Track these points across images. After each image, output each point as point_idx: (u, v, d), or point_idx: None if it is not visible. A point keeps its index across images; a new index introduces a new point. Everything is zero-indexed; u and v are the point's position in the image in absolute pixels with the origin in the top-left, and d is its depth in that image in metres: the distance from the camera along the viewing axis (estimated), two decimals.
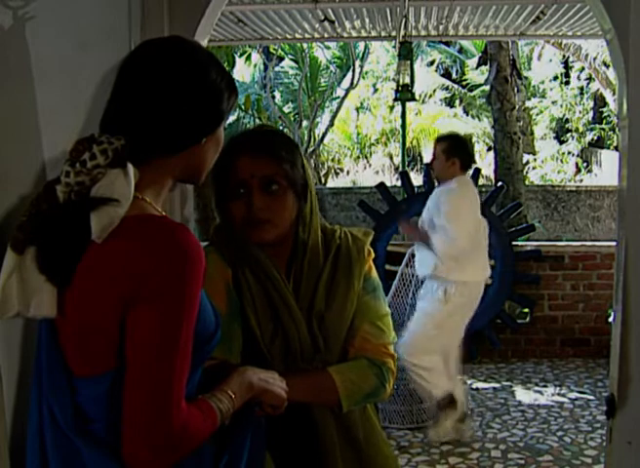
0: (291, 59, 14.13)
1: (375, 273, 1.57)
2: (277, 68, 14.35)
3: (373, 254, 1.59)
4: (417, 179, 8.01)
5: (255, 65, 15.11)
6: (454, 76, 16.63)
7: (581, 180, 14.34)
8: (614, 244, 2.23)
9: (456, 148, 3.75)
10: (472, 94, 16.00)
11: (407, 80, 5.49)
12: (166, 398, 1.03)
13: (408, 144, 13.07)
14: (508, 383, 4.99)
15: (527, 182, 11.79)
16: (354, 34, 5.61)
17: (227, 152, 1.37)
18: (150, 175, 1.14)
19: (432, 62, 16.90)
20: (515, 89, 7.75)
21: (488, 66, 7.74)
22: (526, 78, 14.45)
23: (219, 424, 1.14)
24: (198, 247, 1.07)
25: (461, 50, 16.21)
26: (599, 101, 14.83)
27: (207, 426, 1.11)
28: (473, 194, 3.80)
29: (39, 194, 1.12)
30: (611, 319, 2.90)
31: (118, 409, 1.04)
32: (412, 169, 15.73)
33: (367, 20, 5.12)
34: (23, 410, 1.19)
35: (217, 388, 1.18)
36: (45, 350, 1.12)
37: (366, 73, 14.80)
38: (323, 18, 4.92)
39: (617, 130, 9.86)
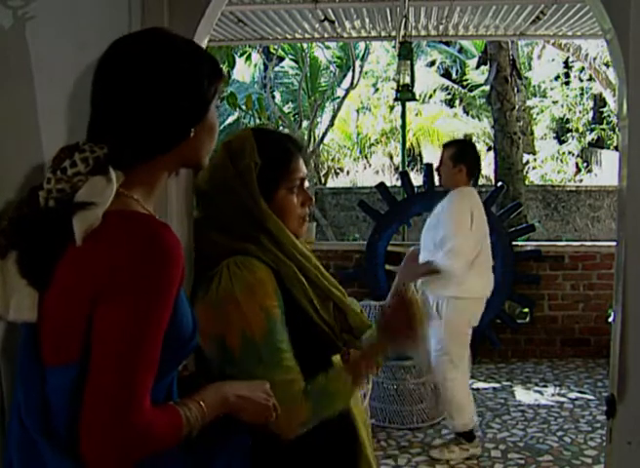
0: (291, 59, 14.11)
1: None
2: (277, 68, 14.33)
3: None
4: (417, 179, 8.02)
5: (255, 65, 15.10)
6: (454, 76, 16.62)
7: (581, 180, 14.34)
8: (614, 244, 2.23)
9: (463, 154, 3.71)
10: (472, 94, 16.00)
11: (407, 80, 5.48)
12: (127, 395, 1.02)
13: (408, 144, 13.06)
14: (508, 383, 4.99)
15: (527, 182, 11.78)
16: (354, 34, 5.60)
17: (287, 150, 1.50)
18: (141, 176, 1.14)
19: (432, 63, 16.90)
20: (515, 89, 7.74)
21: (488, 66, 7.73)
22: (526, 78, 14.44)
23: (184, 432, 1.11)
24: (178, 247, 1.06)
25: (462, 50, 16.20)
26: (599, 101, 14.83)
27: (170, 431, 1.08)
28: (474, 204, 3.69)
29: (22, 199, 1.13)
30: (611, 319, 2.90)
31: (79, 403, 1.03)
32: (412, 169, 15.72)
33: (367, 20, 5.12)
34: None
35: (188, 397, 1.16)
36: (22, 344, 1.12)
37: (366, 73, 14.78)
38: (323, 18, 4.92)
39: (617, 130, 9.86)
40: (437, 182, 4.36)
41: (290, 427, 1.35)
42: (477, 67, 11.23)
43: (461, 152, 3.73)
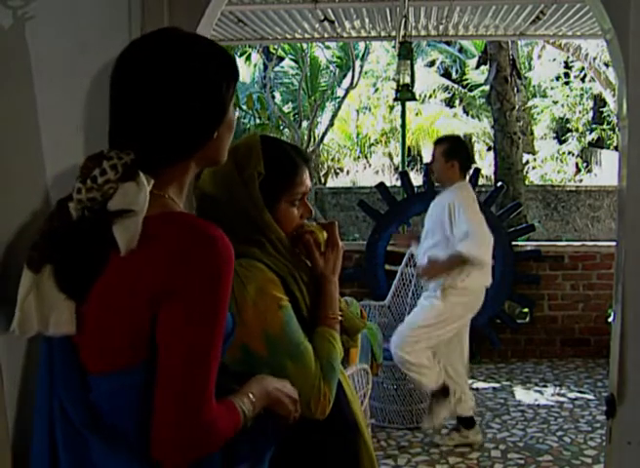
0: (291, 59, 14.12)
1: None
2: (277, 68, 14.34)
3: None
4: (416, 179, 8.02)
5: (255, 65, 15.10)
6: (454, 76, 16.62)
7: (581, 180, 14.34)
8: (613, 244, 2.24)
9: (455, 150, 3.73)
10: (472, 93, 16.00)
11: (407, 80, 5.48)
12: (201, 393, 1.05)
13: (408, 144, 13.05)
14: (508, 383, 4.99)
15: (527, 182, 11.79)
16: (354, 34, 5.61)
17: (293, 163, 1.50)
18: (170, 177, 1.15)
19: (432, 62, 16.90)
20: (515, 89, 7.74)
21: (488, 66, 7.73)
22: (526, 78, 14.44)
23: (241, 426, 1.14)
24: (229, 246, 1.08)
25: (461, 49, 16.21)
26: (599, 101, 14.83)
27: (231, 426, 1.12)
28: (475, 199, 3.76)
29: (52, 212, 1.13)
30: (610, 319, 2.91)
31: (142, 403, 1.05)
32: (412, 169, 15.73)
33: (367, 20, 5.12)
34: (26, 408, 1.19)
35: (238, 391, 1.19)
36: (57, 348, 1.12)
37: (366, 73, 14.78)
38: (323, 18, 4.92)
39: (617, 130, 9.86)
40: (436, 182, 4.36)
41: (324, 409, 1.40)
42: (477, 67, 11.24)
43: (453, 148, 3.76)
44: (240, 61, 12.98)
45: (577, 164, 14.95)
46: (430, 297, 3.77)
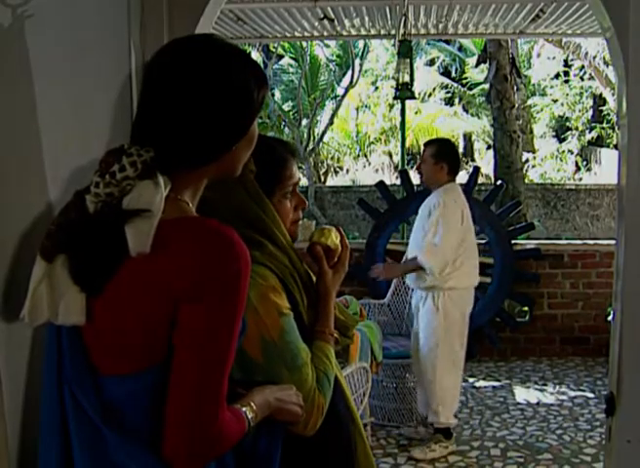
0: (290, 58, 14.11)
1: None
2: (277, 66, 14.31)
3: None
4: (416, 178, 7.98)
5: None
6: (453, 74, 16.61)
7: (581, 179, 14.35)
8: (613, 242, 2.24)
9: (444, 153, 3.75)
10: (472, 92, 15.98)
11: (406, 78, 5.47)
12: (216, 395, 1.06)
13: (407, 143, 13.05)
14: (508, 382, 4.99)
15: (526, 181, 11.77)
16: (354, 32, 5.62)
17: (280, 157, 1.51)
18: (187, 179, 1.14)
19: (432, 61, 16.89)
20: (515, 87, 7.75)
21: (487, 65, 7.74)
22: (525, 76, 14.44)
23: (245, 432, 1.16)
24: (247, 249, 1.08)
25: (461, 48, 16.19)
26: (599, 100, 14.83)
27: (238, 431, 1.13)
28: (461, 201, 3.74)
29: (68, 203, 1.12)
30: (610, 317, 2.91)
31: (157, 405, 1.05)
32: (411, 167, 15.66)
33: (366, 19, 5.13)
34: (33, 406, 1.19)
35: (240, 400, 1.19)
36: (68, 348, 1.12)
37: (365, 72, 14.77)
38: (322, 16, 4.92)
39: (616, 128, 9.86)
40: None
41: (316, 423, 1.39)
42: (477, 66, 11.20)
43: (442, 150, 3.77)
44: None
45: (576, 162, 14.96)
46: (426, 316, 3.75)
